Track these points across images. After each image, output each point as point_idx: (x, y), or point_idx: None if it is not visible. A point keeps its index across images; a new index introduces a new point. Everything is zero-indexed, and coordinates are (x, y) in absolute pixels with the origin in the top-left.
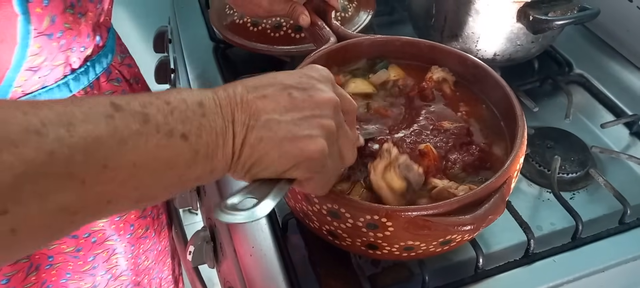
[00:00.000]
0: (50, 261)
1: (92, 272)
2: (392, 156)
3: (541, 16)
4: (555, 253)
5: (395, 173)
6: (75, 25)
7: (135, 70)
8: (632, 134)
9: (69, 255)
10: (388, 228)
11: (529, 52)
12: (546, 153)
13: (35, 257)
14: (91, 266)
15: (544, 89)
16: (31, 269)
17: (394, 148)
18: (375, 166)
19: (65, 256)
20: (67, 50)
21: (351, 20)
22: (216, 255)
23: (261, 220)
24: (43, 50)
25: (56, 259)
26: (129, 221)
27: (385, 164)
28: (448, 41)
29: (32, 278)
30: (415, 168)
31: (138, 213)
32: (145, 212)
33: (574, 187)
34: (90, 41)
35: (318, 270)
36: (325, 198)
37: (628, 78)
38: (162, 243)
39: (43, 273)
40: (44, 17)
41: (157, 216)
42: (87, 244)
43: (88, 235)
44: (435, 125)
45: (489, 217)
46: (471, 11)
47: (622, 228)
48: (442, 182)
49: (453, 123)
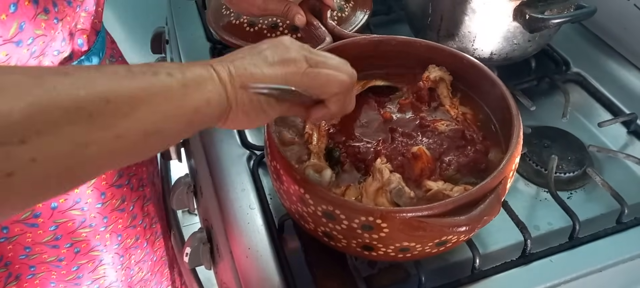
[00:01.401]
0: (32, 271)
1: (76, 282)
2: (384, 179)
3: (537, 15)
4: (552, 253)
5: (386, 198)
6: (49, 30)
7: None
8: (629, 133)
9: (51, 265)
10: (383, 230)
11: (525, 51)
12: (543, 153)
13: (15, 267)
14: (75, 276)
15: (541, 87)
16: (10, 279)
17: (385, 169)
18: (367, 188)
19: (48, 265)
20: (41, 56)
21: (348, 20)
22: (213, 256)
23: (258, 222)
24: (11, 58)
25: (38, 269)
26: (115, 231)
27: (377, 187)
28: (444, 40)
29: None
30: (407, 193)
31: (126, 222)
32: (134, 221)
33: (571, 187)
34: (66, 45)
35: (314, 271)
36: (320, 200)
37: (625, 76)
38: (157, 254)
39: (25, 282)
40: (11, 24)
41: (150, 226)
42: (70, 254)
43: (70, 245)
44: (430, 127)
45: (484, 218)
46: (467, 10)
47: (620, 227)
48: (437, 184)
49: (448, 125)
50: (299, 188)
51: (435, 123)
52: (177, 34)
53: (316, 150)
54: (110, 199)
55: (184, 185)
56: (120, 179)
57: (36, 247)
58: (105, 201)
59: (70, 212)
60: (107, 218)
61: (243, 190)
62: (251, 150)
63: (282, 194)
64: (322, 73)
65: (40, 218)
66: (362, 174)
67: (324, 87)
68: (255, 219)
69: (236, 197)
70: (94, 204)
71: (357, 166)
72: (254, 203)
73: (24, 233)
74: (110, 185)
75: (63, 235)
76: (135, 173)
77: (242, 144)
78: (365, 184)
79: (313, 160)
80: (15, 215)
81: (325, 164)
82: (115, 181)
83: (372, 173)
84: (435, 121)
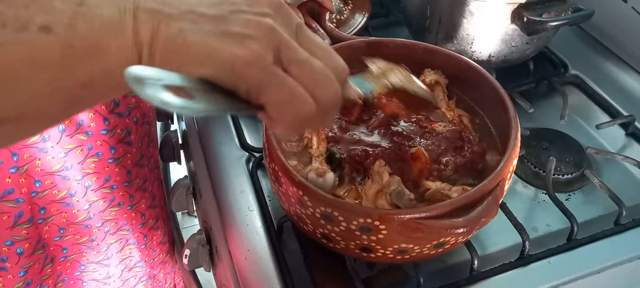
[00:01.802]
0: (65, 253)
1: (106, 263)
2: (384, 182)
3: (535, 17)
4: (550, 254)
5: (386, 200)
6: None
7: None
8: (627, 135)
9: (83, 246)
10: (381, 231)
11: (524, 54)
12: (541, 155)
13: (50, 249)
14: (105, 256)
15: (539, 90)
16: (47, 261)
17: (385, 171)
18: (366, 191)
19: (79, 247)
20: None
21: (346, 22)
22: (212, 258)
23: (256, 224)
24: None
25: (70, 250)
26: (140, 210)
27: (376, 190)
28: (443, 43)
29: (48, 270)
30: (406, 194)
31: (148, 202)
32: (154, 201)
33: (569, 188)
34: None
35: (313, 273)
36: (319, 202)
37: (623, 79)
38: (168, 236)
39: (58, 265)
40: None
41: (164, 206)
42: (101, 234)
43: (101, 223)
44: (428, 128)
45: (482, 220)
46: (465, 13)
47: (618, 229)
48: (435, 184)
49: (445, 126)
50: (297, 191)
51: (432, 124)
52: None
53: (317, 154)
54: (135, 178)
55: (183, 187)
56: (142, 159)
57: (70, 227)
58: (131, 180)
59: (102, 190)
60: (133, 197)
61: (242, 192)
62: (250, 152)
63: (281, 196)
64: (287, 85)
65: (74, 197)
66: (361, 177)
67: (278, 109)
68: (254, 221)
69: (235, 199)
70: (122, 182)
71: (356, 169)
72: (253, 205)
73: (59, 213)
74: (135, 164)
75: (95, 214)
76: (152, 154)
77: (241, 146)
78: (364, 187)
79: (315, 165)
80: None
81: (327, 168)
82: (139, 160)
83: (371, 176)
84: (433, 122)
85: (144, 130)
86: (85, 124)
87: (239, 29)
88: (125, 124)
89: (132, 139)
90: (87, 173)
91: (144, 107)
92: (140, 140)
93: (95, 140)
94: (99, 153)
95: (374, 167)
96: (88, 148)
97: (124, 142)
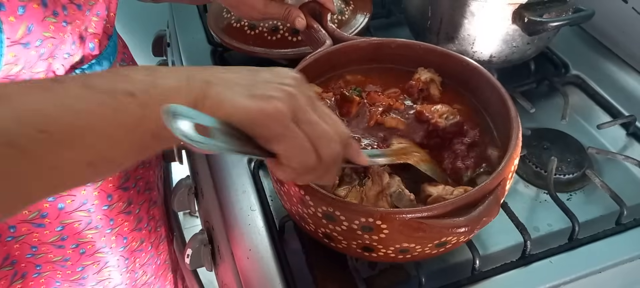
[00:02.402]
0: (38, 270)
1: (81, 282)
2: (384, 183)
3: (536, 18)
4: (552, 254)
5: (386, 201)
6: (58, 33)
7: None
8: (628, 135)
9: (57, 265)
10: (383, 231)
11: (525, 54)
12: (543, 155)
13: (21, 266)
14: (80, 276)
15: (541, 90)
16: (16, 277)
17: (384, 172)
18: (367, 192)
19: (53, 265)
20: (50, 58)
21: (348, 23)
22: (214, 258)
23: (258, 223)
24: (19, 59)
25: (44, 268)
26: (121, 234)
27: (377, 191)
28: (444, 43)
29: (17, 286)
30: (406, 195)
31: (131, 225)
32: (140, 224)
33: (570, 188)
34: (77, 48)
35: (315, 273)
36: (321, 201)
37: (624, 79)
38: (161, 257)
39: (30, 281)
40: (19, 26)
41: (155, 229)
42: (75, 255)
43: (76, 245)
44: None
45: (483, 219)
46: (466, 13)
47: (619, 229)
48: (436, 188)
49: (447, 117)
50: (299, 190)
51: (434, 117)
52: (178, 37)
53: None
54: (117, 202)
55: (185, 187)
56: (127, 182)
57: (42, 246)
58: (111, 203)
59: (77, 213)
60: (113, 221)
61: (244, 191)
62: None
63: (283, 196)
64: (299, 139)
65: (46, 218)
66: (361, 177)
67: (289, 156)
68: (256, 221)
69: (237, 198)
70: (100, 206)
71: (356, 169)
72: (255, 204)
73: (31, 233)
74: (117, 187)
75: (69, 235)
76: (142, 176)
77: None
78: (365, 188)
79: None
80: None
81: None
82: (122, 184)
83: (371, 176)
84: (434, 114)
85: None
86: None
87: (265, 92)
88: None
89: None
90: (61, 195)
91: None
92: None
93: None
94: None
95: (373, 167)
96: None
97: None
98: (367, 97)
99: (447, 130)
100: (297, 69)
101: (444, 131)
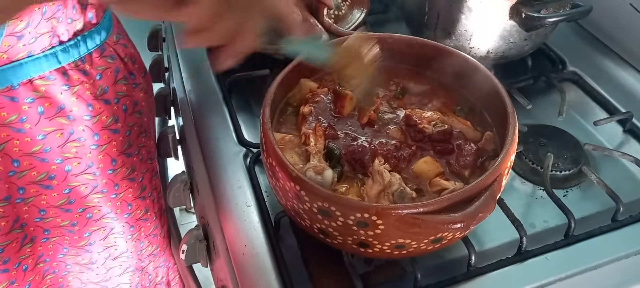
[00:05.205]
0: (47, 235)
1: (88, 248)
2: (386, 181)
3: (533, 13)
4: (547, 250)
5: (388, 200)
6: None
7: (131, 50)
8: (625, 132)
9: (64, 230)
10: (378, 226)
11: (522, 50)
12: (539, 151)
13: (30, 229)
14: (87, 242)
15: (538, 86)
16: (26, 241)
17: (385, 171)
18: (368, 191)
19: (61, 230)
20: (52, 19)
21: (345, 18)
22: (209, 253)
23: (254, 219)
24: (22, 17)
25: (52, 233)
26: (126, 200)
27: (378, 190)
28: (441, 39)
29: (27, 250)
30: (408, 193)
31: (136, 193)
32: (144, 192)
33: (567, 185)
34: (78, 14)
35: (310, 269)
36: (316, 196)
37: (621, 75)
38: (164, 229)
39: (39, 246)
40: None
41: (158, 200)
42: (82, 219)
43: (83, 210)
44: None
45: (479, 215)
46: (464, 8)
47: (615, 225)
48: (450, 183)
49: (435, 124)
50: (294, 186)
51: (422, 122)
52: (174, 31)
53: (315, 151)
54: (121, 167)
55: (180, 183)
56: (130, 148)
57: (50, 210)
58: (116, 168)
59: (83, 176)
60: (118, 186)
61: (239, 187)
62: (247, 148)
63: (278, 191)
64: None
65: (54, 180)
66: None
67: None
68: (252, 216)
69: (232, 194)
70: (105, 170)
71: (354, 167)
72: (251, 200)
73: (39, 195)
74: (121, 152)
75: (76, 199)
76: (144, 144)
77: (238, 141)
78: (365, 187)
79: (313, 162)
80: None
81: (325, 165)
82: (125, 149)
83: (372, 175)
84: (423, 120)
85: (134, 119)
86: (66, 107)
87: None
88: (113, 111)
89: (119, 127)
90: (68, 157)
91: (136, 96)
92: (129, 129)
93: (77, 125)
94: (81, 138)
95: (373, 166)
96: (69, 132)
97: (110, 129)
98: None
99: (433, 137)
100: (293, 64)
101: (430, 137)
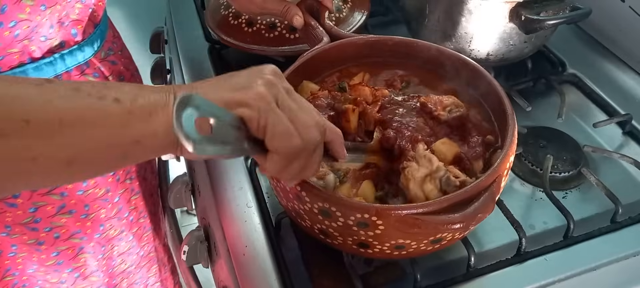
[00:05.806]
0: (14, 249)
1: (56, 268)
2: (434, 167)
3: (533, 16)
4: (547, 252)
5: (435, 185)
6: (34, 16)
7: (120, 68)
8: (624, 134)
9: (31, 247)
10: (378, 227)
11: (522, 52)
12: (539, 153)
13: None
14: (55, 261)
15: (538, 88)
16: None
17: (433, 155)
18: (413, 173)
19: (28, 247)
20: (25, 40)
21: (346, 20)
22: (210, 254)
23: (255, 220)
24: None
25: (20, 249)
26: (97, 221)
27: (425, 174)
28: (441, 41)
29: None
30: (453, 181)
31: (109, 213)
32: (119, 213)
33: (566, 186)
34: (55, 33)
35: (311, 270)
36: (316, 197)
37: (621, 77)
38: (145, 249)
39: (6, 259)
40: None
41: (137, 220)
42: (49, 239)
43: (49, 229)
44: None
45: (479, 216)
46: (464, 11)
47: (614, 227)
48: (462, 174)
49: (451, 110)
50: (295, 186)
51: (437, 109)
52: (176, 33)
53: None
54: (93, 188)
55: (182, 184)
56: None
57: (16, 227)
58: (87, 189)
59: (50, 196)
60: (89, 207)
61: (240, 188)
62: None
63: (279, 192)
64: (284, 119)
65: (19, 199)
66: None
67: (276, 139)
68: (253, 217)
69: (233, 195)
70: (74, 191)
71: (389, 151)
72: (251, 201)
73: (4, 212)
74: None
75: (42, 218)
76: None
77: None
78: (411, 169)
79: None
80: None
81: (327, 169)
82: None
83: (417, 159)
84: (438, 106)
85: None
86: None
87: (247, 83)
88: None
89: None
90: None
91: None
92: None
93: None
94: None
95: (418, 150)
96: None
97: None
98: (351, 89)
99: (449, 123)
100: (294, 66)
101: (446, 124)
